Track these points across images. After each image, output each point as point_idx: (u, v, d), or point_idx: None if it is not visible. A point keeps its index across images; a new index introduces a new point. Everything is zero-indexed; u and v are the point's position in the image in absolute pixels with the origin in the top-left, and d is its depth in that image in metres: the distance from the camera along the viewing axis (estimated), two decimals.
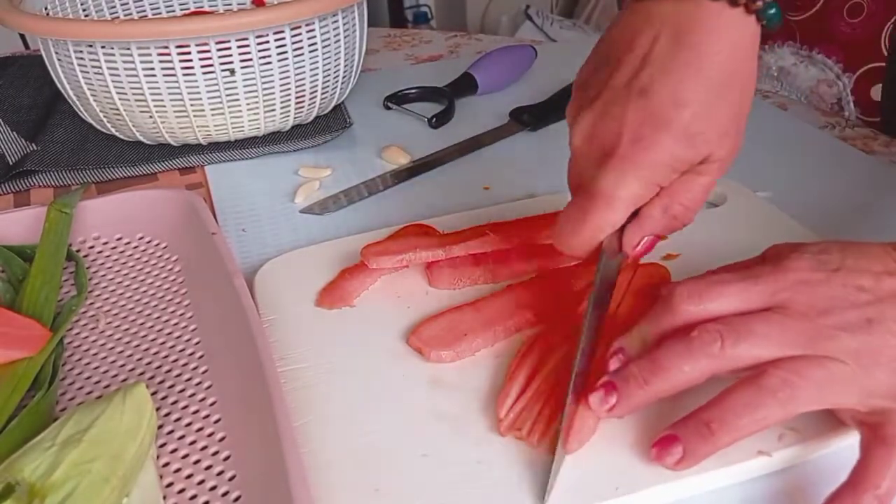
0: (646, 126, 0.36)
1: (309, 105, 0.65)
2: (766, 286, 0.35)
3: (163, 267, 0.50)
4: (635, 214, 0.38)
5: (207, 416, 0.39)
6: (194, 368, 0.42)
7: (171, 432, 0.38)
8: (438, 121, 0.69)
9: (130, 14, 0.73)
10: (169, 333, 0.45)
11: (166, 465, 0.37)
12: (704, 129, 0.36)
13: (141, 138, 0.64)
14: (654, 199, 0.38)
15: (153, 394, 0.40)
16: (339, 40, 0.64)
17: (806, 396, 0.32)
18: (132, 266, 0.51)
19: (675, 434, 0.34)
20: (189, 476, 0.36)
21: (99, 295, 0.48)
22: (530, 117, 0.69)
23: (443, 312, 0.44)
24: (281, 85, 0.62)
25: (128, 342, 0.44)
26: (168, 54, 0.57)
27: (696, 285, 0.35)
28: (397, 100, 0.73)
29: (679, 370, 0.34)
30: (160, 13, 0.75)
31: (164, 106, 0.60)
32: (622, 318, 0.40)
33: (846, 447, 0.36)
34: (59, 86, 0.64)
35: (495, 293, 0.45)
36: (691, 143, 0.36)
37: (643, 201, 0.37)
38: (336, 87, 0.67)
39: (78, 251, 0.51)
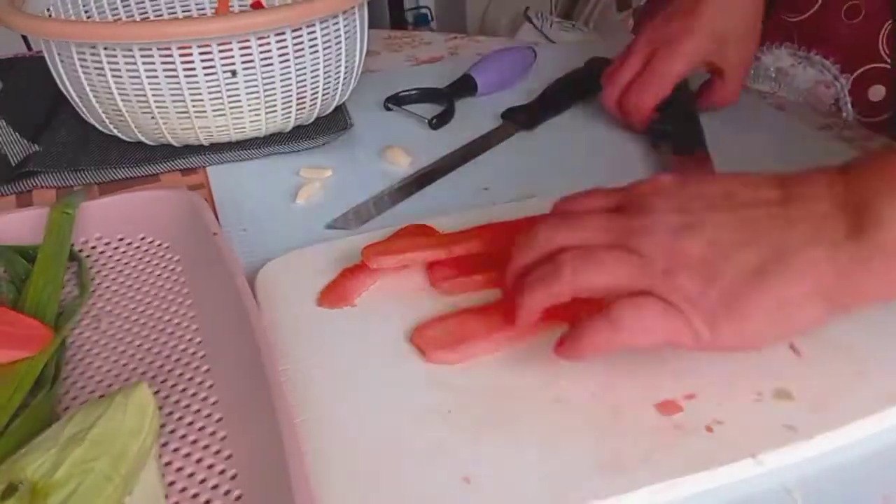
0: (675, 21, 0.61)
1: (310, 106, 0.65)
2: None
3: (165, 267, 0.51)
4: None
5: (209, 416, 0.39)
6: (196, 368, 0.42)
7: (173, 431, 0.39)
8: (439, 122, 0.69)
9: (132, 16, 0.74)
10: (171, 333, 0.45)
11: (168, 463, 0.37)
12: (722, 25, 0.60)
13: (143, 139, 0.64)
14: None
15: (155, 393, 0.40)
16: (339, 42, 0.64)
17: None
18: (134, 266, 0.51)
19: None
20: (191, 475, 0.36)
21: (101, 295, 0.48)
22: (524, 116, 0.69)
23: (447, 315, 0.44)
24: (282, 86, 0.62)
25: (130, 342, 0.45)
26: (170, 55, 0.58)
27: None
28: (398, 101, 0.73)
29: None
30: (162, 15, 0.75)
31: (166, 107, 0.60)
32: None
33: (845, 447, 0.36)
34: (61, 87, 0.64)
35: (500, 300, 0.44)
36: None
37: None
38: (337, 89, 0.67)
39: (80, 251, 0.52)
